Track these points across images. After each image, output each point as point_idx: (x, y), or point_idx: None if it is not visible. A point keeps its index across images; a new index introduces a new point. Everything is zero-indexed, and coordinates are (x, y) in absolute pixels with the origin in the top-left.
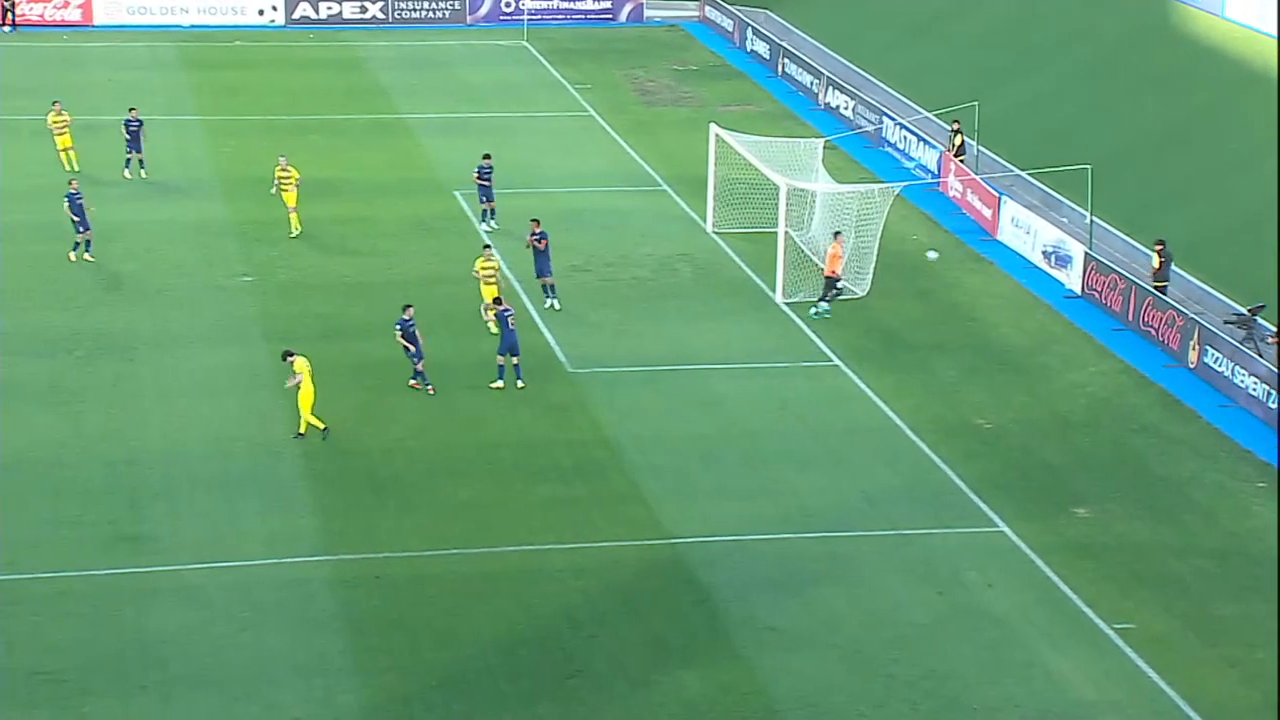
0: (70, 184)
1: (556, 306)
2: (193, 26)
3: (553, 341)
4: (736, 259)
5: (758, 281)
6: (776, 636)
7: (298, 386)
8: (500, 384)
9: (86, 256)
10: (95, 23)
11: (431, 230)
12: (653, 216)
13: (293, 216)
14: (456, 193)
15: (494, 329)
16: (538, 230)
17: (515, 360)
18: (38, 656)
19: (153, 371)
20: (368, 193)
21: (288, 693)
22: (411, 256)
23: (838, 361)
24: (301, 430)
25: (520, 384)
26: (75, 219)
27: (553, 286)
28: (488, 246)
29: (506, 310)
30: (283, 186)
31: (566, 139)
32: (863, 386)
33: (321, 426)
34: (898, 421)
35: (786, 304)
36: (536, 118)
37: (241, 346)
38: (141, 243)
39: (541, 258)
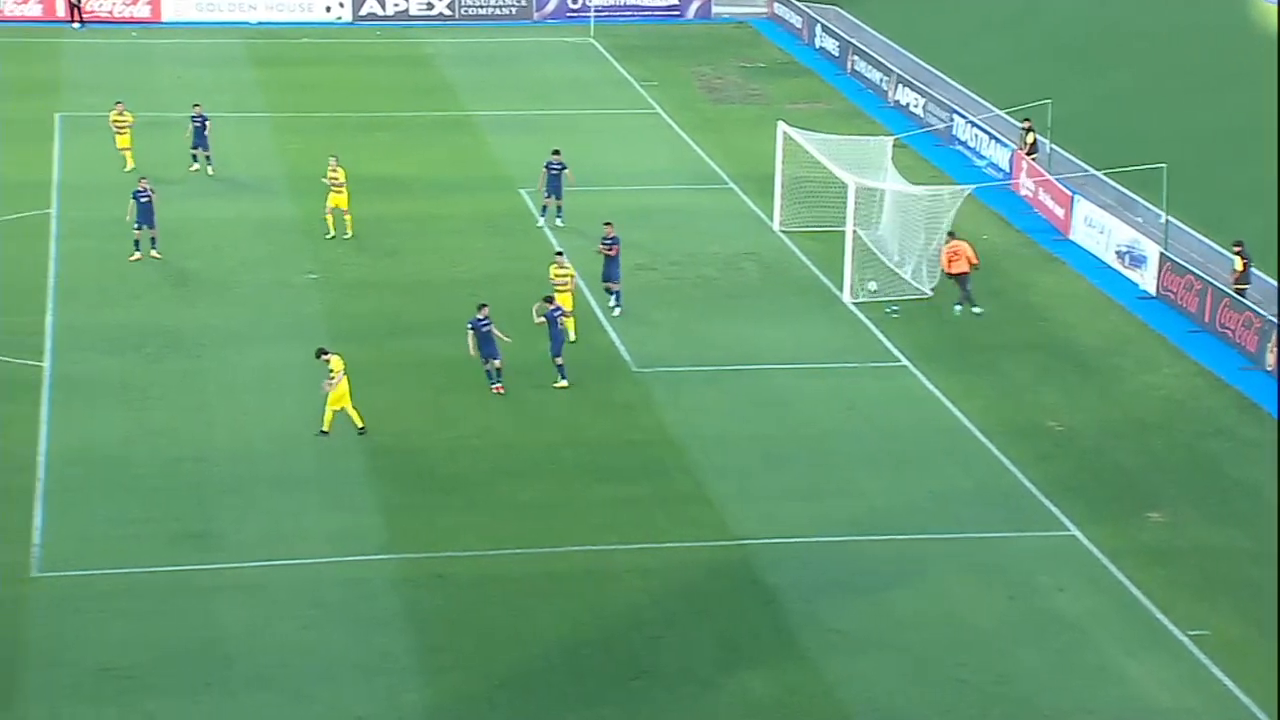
0: (140, 181)
1: (617, 312)
2: (260, 23)
3: (617, 341)
4: (804, 258)
5: (825, 281)
6: (843, 639)
7: (333, 386)
8: (564, 383)
9: (153, 253)
10: (163, 19)
11: (498, 228)
12: (719, 215)
13: (328, 218)
14: (522, 190)
15: (538, 320)
16: (610, 235)
17: (560, 362)
18: (104, 653)
19: (219, 369)
20: (434, 190)
21: (351, 692)
22: (477, 254)
23: (906, 362)
24: (327, 428)
25: (562, 383)
26: (139, 217)
27: (618, 293)
28: (559, 253)
29: (556, 310)
30: (333, 189)
31: (633, 137)
32: (931, 387)
33: (360, 425)
34: (967, 423)
35: (854, 303)
36: (602, 115)
37: (307, 344)
38: (208, 240)
39: (611, 263)
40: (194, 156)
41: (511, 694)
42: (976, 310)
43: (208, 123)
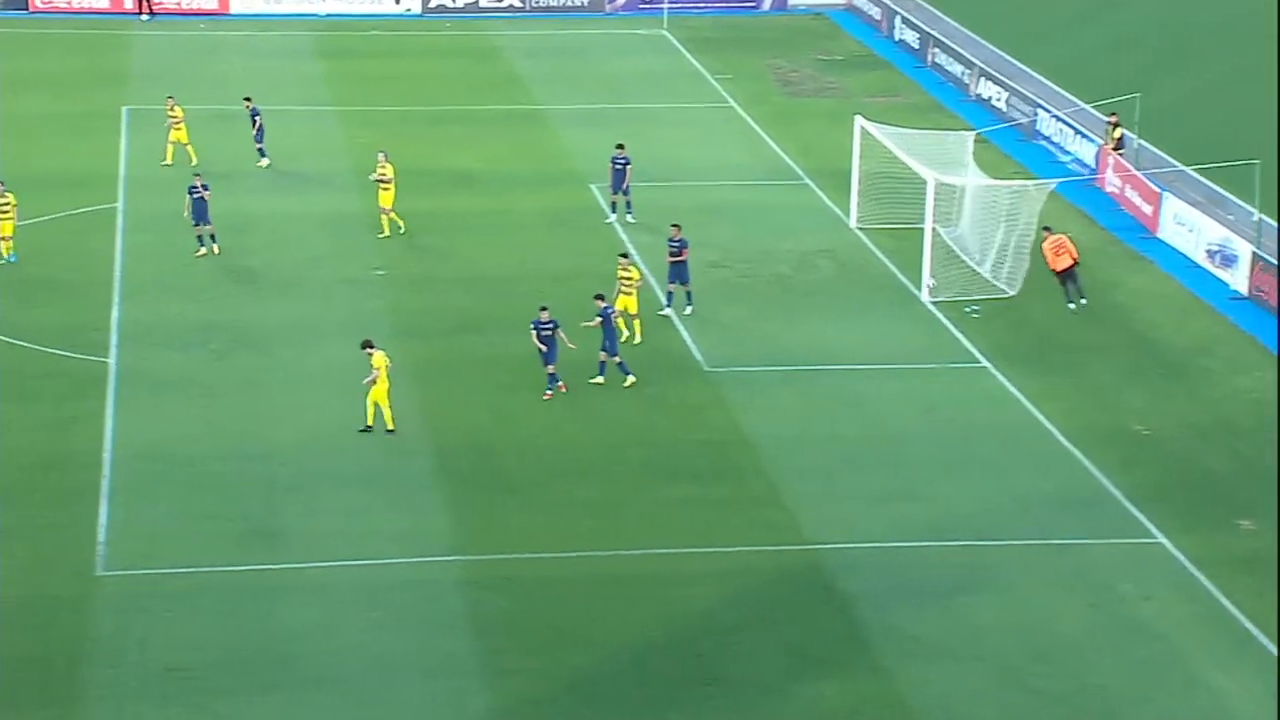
0: (194, 177)
1: (689, 311)
2: (329, 15)
3: (689, 339)
4: (881, 256)
5: (903, 279)
6: (919, 647)
7: (374, 382)
8: (632, 379)
9: (215, 249)
10: (231, 11)
11: (567, 224)
12: (794, 211)
13: (384, 218)
14: (593, 185)
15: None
16: (677, 237)
17: (603, 358)
18: (170, 653)
19: (285, 365)
20: (502, 185)
21: (415, 695)
22: (546, 250)
23: (986, 363)
24: (370, 423)
25: (599, 379)
26: (195, 213)
27: (689, 294)
28: (624, 255)
29: (607, 309)
30: (381, 186)
31: (706, 131)
32: (1013, 389)
33: (390, 426)
34: (1050, 426)
35: (933, 302)
36: (675, 109)
37: (374, 340)
38: (274, 235)
39: (679, 267)
40: (263, 152)
41: (577, 699)
42: (1082, 301)
43: (259, 115)
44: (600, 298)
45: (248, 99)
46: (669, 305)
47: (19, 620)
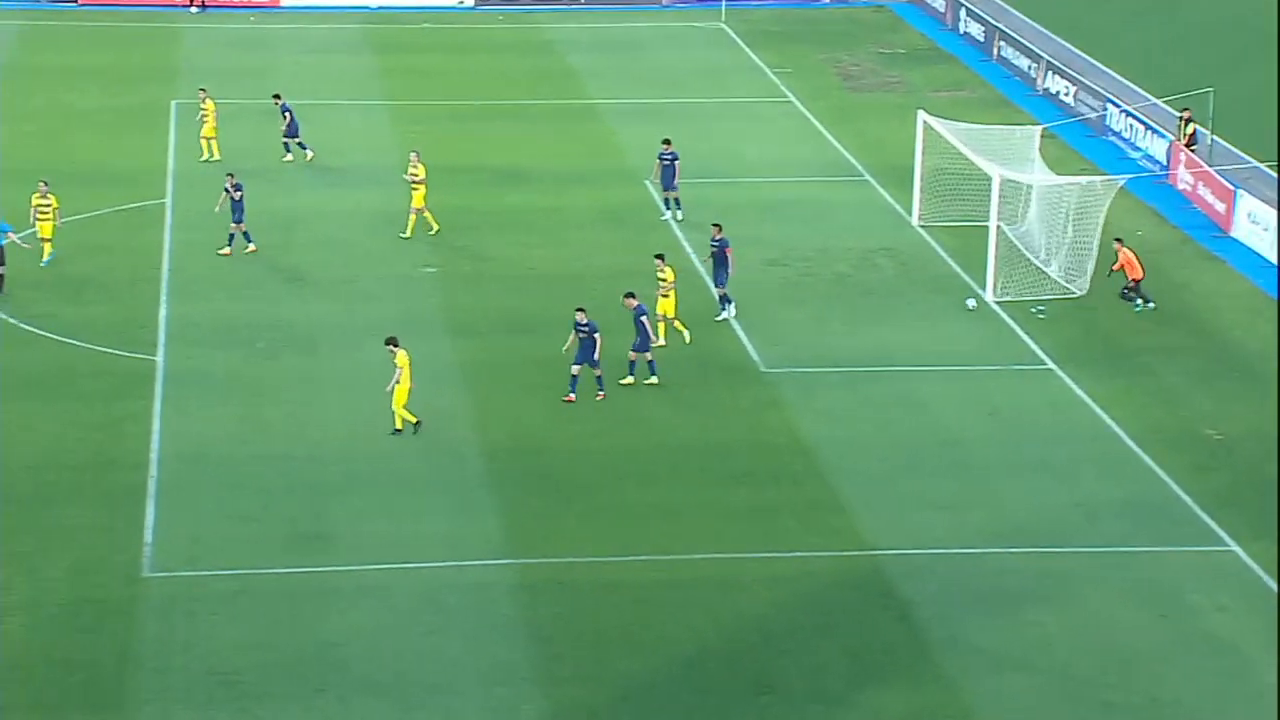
0: (227, 177)
1: (731, 315)
2: (380, 8)
3: (745, 340)
4: (943, 254)
5: (966, 278)
6: (983, 657)
7: (397, 383)
8: (646, 379)
9: (250, 248)
10: (282, 4)
11: (621, 221)
12: (854, 208)
13: (411, 218)
14: (648, 182)
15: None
16: (718, 237)
17: (633, 357)
18: (216, 656)
19: (334, 365)
20: (556, 181)
21: (468, 701)
22: (600, 248)
23: (1052, 365)
24: (399, 426)
25: (629, 379)
26: (233, 210)
27: (723, 297)
28: (659, 256)
29: (638, 308)
30: (413, 185)
31: (764, 126)
32: (1080, 392)
33: (414, 420)
34: (1118, 430)
35: (997, 303)
36: (733, 104)
37: (424, 340)
38: (324, 232)
39: (720, 267)
40: (294, 146)
41: (632, 707)
42: (1148, 304)
43: (289, 112)
44: (631, 296)
45: (277, 96)
46: (725, 310)
47: (66, 622)
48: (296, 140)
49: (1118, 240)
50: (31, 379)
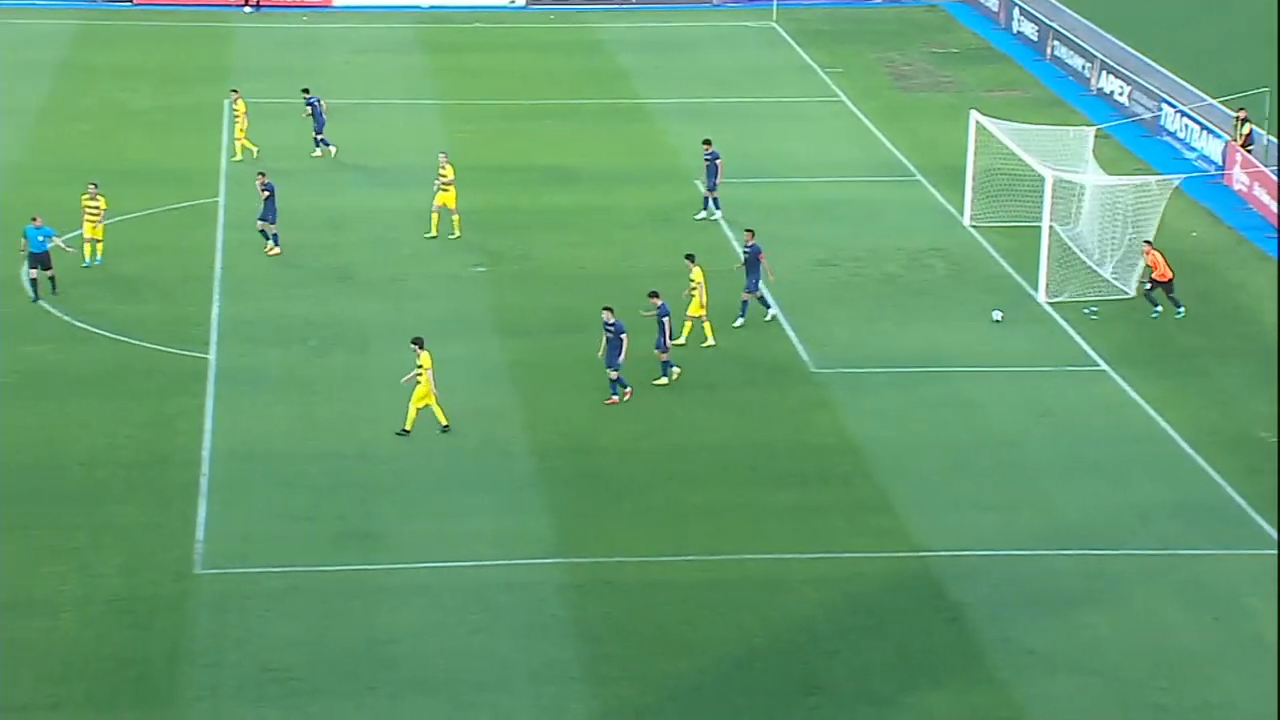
0: (258, 176)
1: (739, 323)
2: (432, 8)
3: (795, 340)
4: (995, 255)
5: (1018, 279)
6: (1034, 659)
7: (415, 381)
8: (664, 380)
9: (275, 249)
10: (334, 3)
11: (671, 221)
12: (905, 208)
13: (434, 216)
14: (698, 181)
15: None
16: (751, 243)
17: (660, 356)
18: (267, 653)
19: (384, 363)
20: (605, 180)
21: (518, 700)
22: (649, 248)
23: (1105, 366)
24: (408, 426)
25: (664, 380)
26: (265, 210)
27: (763, 299)
28: (689, 257)
29: (663, 306)
30: (442, 187)
31: (815, 126)
32: (1133, 394)
33: (408, 427)
34: (1171, 432)
35: (1050, 303)
36: (784, 103)
37: (473, 339)
38: (374, 231)
39: (751, 273)
40: (315, 142)
41: (680, 706)
42: (1173, 311)
43: (315, 106)
44: (655, 295)
45: (305, 90)
46: (770, 309)
47: (118, 619)
48: (320, 136)
49: (1146, 242)
50: (85, 376)
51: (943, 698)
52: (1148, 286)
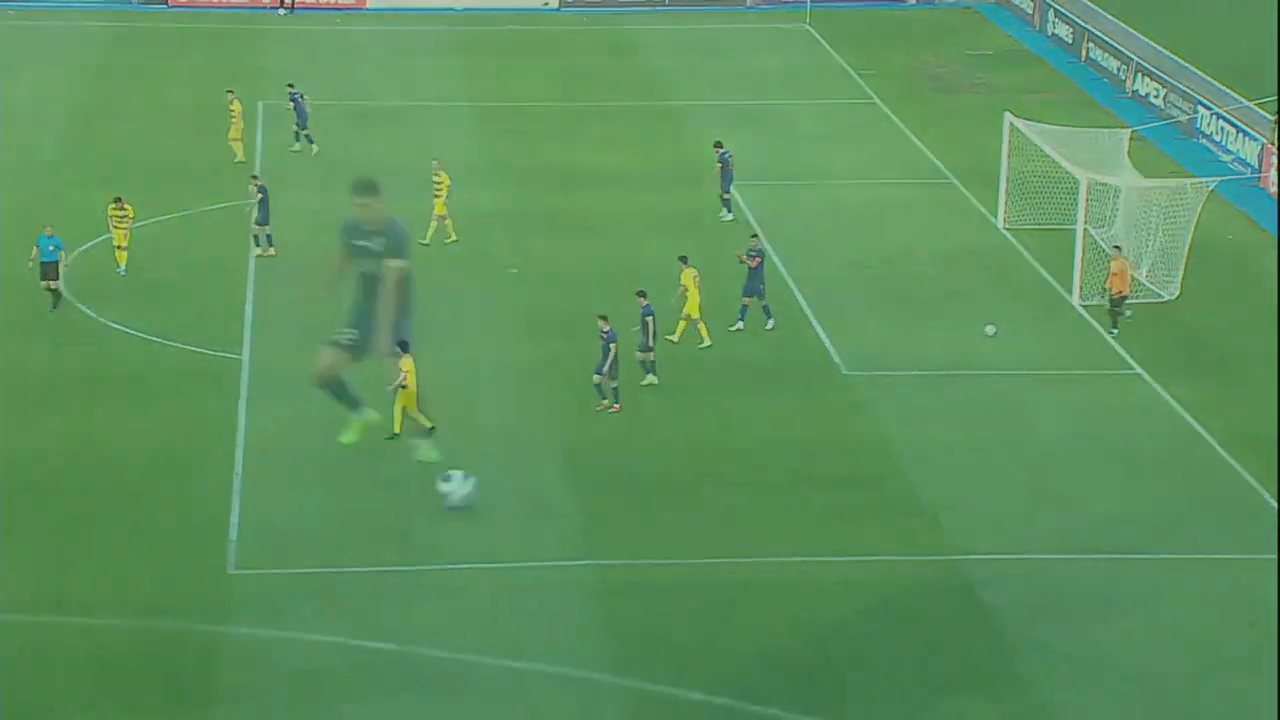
0: (252, 179)
1: (738, 326)
2: (466, 10)
3: (827, 342)
4: (1029, 257)
5: (1052, 282)
6: (1068, 664)
7: (402, 386)
8: (653, 379)
9: (270, 250)
10: (368, 6)
11: (702, 223)
12: (939, 211)
13: (432, 224)
14: (715, 184)
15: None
16: (756, 248)
17: (648, 356)
18: (300, 654)
19: (417, 364)
20: (638, 182)
21: (548, 702)
22: (681, 250)
23: (1140, 370)
24: (397, 430)
25: (650, 379)
26: (259, 212)
27: (766, 308)
28: (682, 258)
29: (645, 308)
30: (435, 193)
31: (849, 128)
32: (1168, 398)
33: (396, 430)
34: (1207, 437)
35: (1084, 306)
36: (817, 106)
37: (504, 341)
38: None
39: (753, 276)
40: (296, 136)
41: (711, 710)
42: (1125, 315)
43: (298, 101)
44: (641, 294)
45: (290, 85)
46: (771, 321)
47: (152, 619)
48: (305, 132)
49: (1116, 248)
50: (119, 377)
51: (974, 702)
52: (1114, 301)
